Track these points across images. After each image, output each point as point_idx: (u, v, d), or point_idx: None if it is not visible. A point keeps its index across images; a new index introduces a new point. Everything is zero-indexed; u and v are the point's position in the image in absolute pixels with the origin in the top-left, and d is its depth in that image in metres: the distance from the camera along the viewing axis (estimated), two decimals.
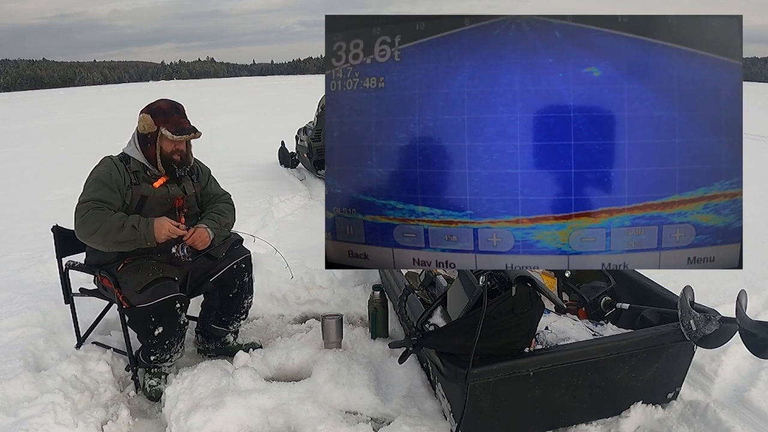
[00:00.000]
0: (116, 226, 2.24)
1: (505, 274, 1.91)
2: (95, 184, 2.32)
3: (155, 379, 2.48)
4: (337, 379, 2.35)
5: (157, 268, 2.40)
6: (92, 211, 2.24)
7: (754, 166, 6.06)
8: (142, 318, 2.34)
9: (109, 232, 2.23)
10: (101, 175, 2.34)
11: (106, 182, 2.33)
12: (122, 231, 2.24)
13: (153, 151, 2.41)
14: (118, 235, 2.24)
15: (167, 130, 2.37)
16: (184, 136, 2.40)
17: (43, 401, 2.19)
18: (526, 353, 1.91)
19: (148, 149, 2.42)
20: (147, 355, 2.43)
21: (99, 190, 2.30)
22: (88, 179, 2.37)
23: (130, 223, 2.26)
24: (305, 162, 7.31)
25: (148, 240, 2.28)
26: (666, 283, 2.42)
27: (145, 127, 2.39)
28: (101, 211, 2.25)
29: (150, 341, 2.38)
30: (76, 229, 2.28)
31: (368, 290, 2.95)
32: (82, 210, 2.25)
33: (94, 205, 2.25)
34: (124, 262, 2.41)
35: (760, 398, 2.18)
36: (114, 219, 2.25)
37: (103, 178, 2.33)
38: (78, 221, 2.26)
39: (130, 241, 2.27)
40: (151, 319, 2.32)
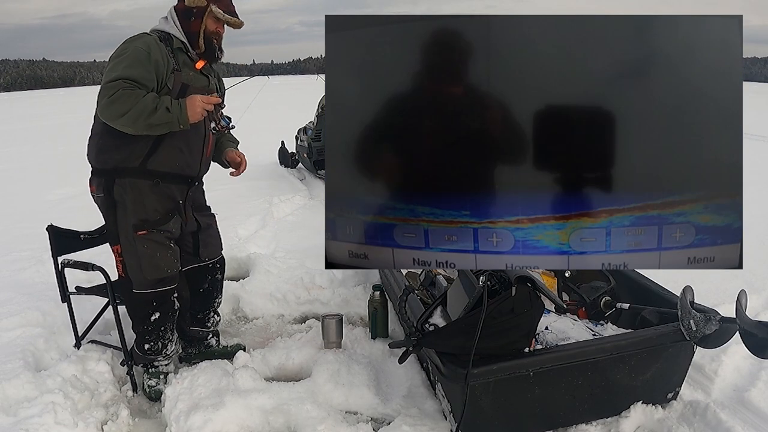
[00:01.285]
0: (149, 108, 2.02)
1: (505, 274, 1.91)
2: (128, 60, 2.07)
3: (154, 379, 2.48)
4: (337, 379, 2.35)
5: (172, 259, 2.35)
6: (122, 91, 2.00)
7: (754, 166, 6.06)
8: (142, 303, 2.32)
9: (141, 115, 2.01)
10: (138, 52, 2.09)
11: (142, 60, 2.09)
12: (155, 113, 2.03)
13: (197, 26, 2.23)
14: (152, 118, 2.03)
15: (218, 7, 2.23)
16: (233, 18, 2.28)
17: (43, 401, 2.19)
18: (526, 353, 1.91)
19: (191, 24, 2.24)
20: (141, 344, 2.41)
21: (132, 67, 2.06)
22: (119, 53, 2.10)
23: (163, 105, 2.05)
24: (305, 162, 7.31)
25: (181, 122, 2.09)
26: (666, 283, 2.42)
27: (193, 1, 2.22)
28: (132, 91, 2.02)
29: (146, 327, 2.36)
30: (101, 109, 2.04)
31: (368, 290, 2.95)
32: (110, 89, 2.00)
33: (125, 84, 2.02)
34: (139, 233, 2.26)
35: (760, 398, 2.18)
36: (147, 101, 2.02)
37: (140, 56, 2.09)
38: (105, 101, 2.01)
39: (163, 124, 2.07)
40: (153, 304, 2.32)
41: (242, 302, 3.27)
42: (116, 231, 2.29)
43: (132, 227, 2.26)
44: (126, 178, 2.22)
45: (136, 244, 2.27)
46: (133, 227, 2.26)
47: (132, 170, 2.22)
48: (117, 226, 2.28)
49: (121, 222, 2.27)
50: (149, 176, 2.24)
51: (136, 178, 2.23)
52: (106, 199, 2.26)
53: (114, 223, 2.28)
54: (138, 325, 2.39)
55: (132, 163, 2.21)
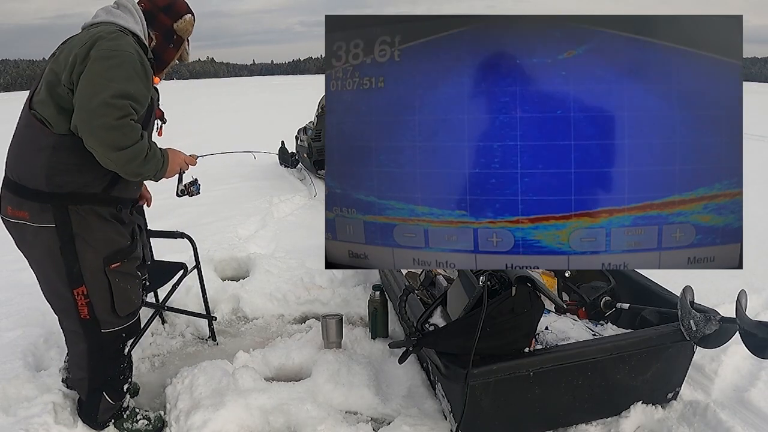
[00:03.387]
0: (143, 154, 1.71)
1: (505, 274, 1.91)
2: (126, 70, 1.68)
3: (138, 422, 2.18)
4: (337, 379, 2.35)
5: (139, 288, 2.07)
6: (130, 121, 1.66)
7: (754, 166, 6.06)
8: (113, 340, 2.00)
9: (137, 158, 1.69)
10: (133, 63, 1.71)
11: (140, 74, 1.73)
12: (148, 163, 1.74)
13: (172, 55, 2.00)
14: (142, 167, 1.73)
15: (187, 47, 2.07)
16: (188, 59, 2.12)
17: (43, 401, 2.19)
18: (526, 353, 1.91)
19: (168, 50, 1.98)
20: (117, 387, 2.09)
21: (132, 81, 1.68)
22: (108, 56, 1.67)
23: (155, 155, 1.77)
24: (305, 162, 7.31)
25: (158, 176, 1.83)
26: (666, 283, 2.42)
27: (183, 30, 1.98)
28: (136, 122, 1.69)
29: (122, 366, 2.08)
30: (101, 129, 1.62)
31: (368, 290, 2.95)
32: (118, 109, 1.62)
33: (130, 111, 1.66)
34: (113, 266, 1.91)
35: (760, 398, 2.18)
36: (143, 145, 1.71)
37: (137, 68, 1.72)
38: (106, 123, 1.61)
39: (144, 176, 1.80)
40: (123, 336, 2.03)
41: (242, 302, 3.27)
42: (78, 270, 1.85)
43: (104, 261, 1.88)
44: (85, 205, 1.82)
45: (108, 279, 1.90)
46: (105, 260, 1.88)
47: (92, 196, 1.83)
48: (79, 263, 1.84)
49: (86, 258, 1.85)
50: (111, 203, 1.89)
51: (97, 206, 1.84)
52: (61, 232, 1.80)
53: (75, 260, 1.83)
54: (112, 367, 2.04)
55: (94, 189, 1.82)
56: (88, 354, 2.00)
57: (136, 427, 2.17)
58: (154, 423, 2.21)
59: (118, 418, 2.17)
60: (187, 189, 2.14)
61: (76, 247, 1.83)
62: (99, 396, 2.06)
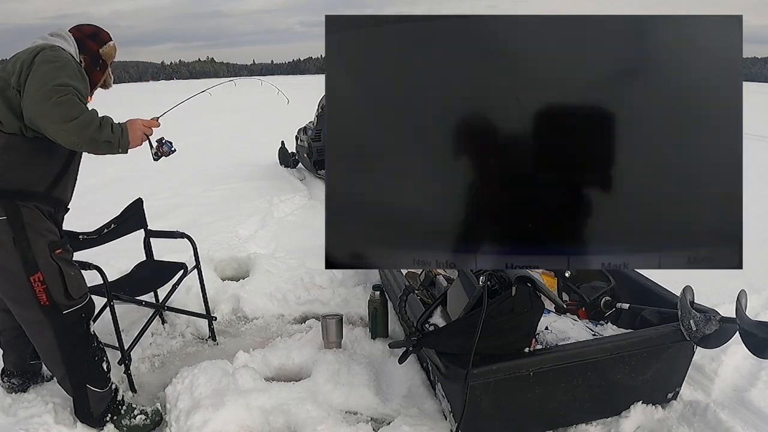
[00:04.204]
0: (97, 121, 1.83)
1: (505, 274, 1.91)
2: (69, 70, 1.86)
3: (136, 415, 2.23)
4: (337, 379, 2.35)
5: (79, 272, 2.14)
6: (72, 97, 1.80)
7: (754, 166, 6.06)
8: (76, 320, 2.07)
9: (90, 125, 1.81)
10: (74, 66, 1.92)
11: (80, 76, 1.91)
12: (103, 129, 1.84)
13: (98, 77, 2.17)
14: (100, 133, 1.83)
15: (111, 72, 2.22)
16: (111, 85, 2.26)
17: (43, 401, 2.20)
18: (526, 353, 1.91)
19: (95, 72, 2.14)
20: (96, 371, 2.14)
21: (75, 80, 1.85)
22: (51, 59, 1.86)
23: (109, 123, 1.87)
24: (305, 162, 7.31)
25: (121, 147, 1.92)
26: (666, 283, 2.42)
27: (107, 55, 2.16)
28: (80, 100, 1.83)
29: (93, 345, 2.13)
30: (47, 109, 1.77)
31: (368, 290, 2.95)
32: (59, 92, 1.78)
33: (74, 92, 1.82)
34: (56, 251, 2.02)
35: (760, 398, 2.18)
36: (95, 113, 1.85)
37: (78, 69, 1.93)
38: (53, 101, 1.76)
39: (106, 143, 1.87)
40: (83, 316, 2.09)
41: (242, 302, 3.27)
42: (33, 257, 1.96)
43: (48, 247, 1.99)
44: (30, 203, 1.97)
45: (57, 263, 2.01)
46: (50, 246, 2.00)
47: (36, 195, 1.98)
48: (32, 250, 1.96)
49: (38, 244, 1.97)
50: (51, 203, 2.03)
51: (40, 204, 1.99)
52: (12, 222, 1.93)
53: (28, 247, 1.95)
54: (84, 350, 2.11)
55: (38, 188, 1.98)
56: (57, 342, 2.05)
57: (134, 423, 2.21)
58: (152, 417, 2.24)
59: (116, 414, 2.20)
60: (160, 150, 2.19)
61: (27, 235, 1.95)
62: (84, 389, 2.12)
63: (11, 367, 2.37)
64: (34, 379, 2.42)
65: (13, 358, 2.36)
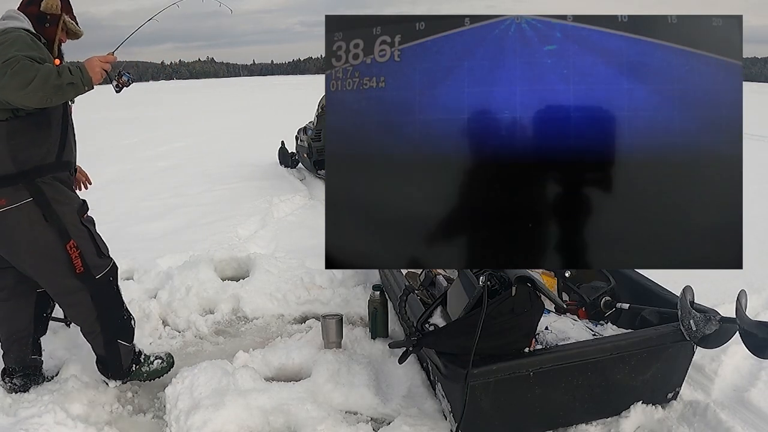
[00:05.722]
0: (53, 72, 1.90)
1: (505, 274, 1.91)
2: (19, 44, 1.95)
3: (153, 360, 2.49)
4: (337, 379, 2.35)
5: None
6: (23, 62, 1.87)
7: (754, 166, 6.06)
8: (107, 283, 2.27)
9: (49, 79, 1.87)
10: (24, 38, 2.00)
11: (32, 45, 2.00)
12: (61, 76, 1.90)
13: (53, 32, 2.20)
14: (59, 80, 1.90)
15: (71, 20, 2.25)
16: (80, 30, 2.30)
17: (43, 401, 2.20)
18: (526, 353, 1.91)
19: (45, 30, 2.17)
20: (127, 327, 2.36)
21: (25, 50, 1.93)
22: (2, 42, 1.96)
23: (65, 68, 1.94)
24: (305, 162, 7.31)
25: (85, 83, 1.98)
26: (666, 283, 2.42)
27: (50, 7, 2.18)
28: (32, 63, 1.90)
29: (124, 307, 2.35)
30: (4, 85, 1.87)
31: (368, 290, 2.95)
32: (10, 64, 1.86)
33: (23, 58, 1.89)
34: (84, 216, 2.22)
35: (760, 398, 2.18)
36: (49, 67, 1.91)
37: (27, 41, 2.00)
38: (7, 75, 1.85)
39: (70, 85, 1.94)
40: (111, 279, 2.29)
41: (242, 302, 3.27)
42: (64, 226, 2.14)
43: (77, 213, 2.19)
44: (48, 175, 2.11)
45: (86, 227, 2.21)
46: (78, 212, 2.19)
47: (51, 166, 2.13)
48: (63, 221, 2.13)
49: (66, 214, 2.15)
50: (66, 167, 2.19)
51: (56, 172, 2.14)
52: (38, 201, 2.09)
53: (59, 219, 2.13)
54: (119, 309, 2.33)
55: (50, 159, 2.12)
56: (93, 305, 2.25)
57: (153, 368, 2.47)
58: (167, 360, 2.52)
59: (138, 364, 2.44)
60: (120, 82, 2.22)
61: (55, 209, 2.12)
62: (116, 344, 2.33)
63: (13, 364, 2.38)
64: (35, 379, 2.42)
65: (14, 353, 2.38)
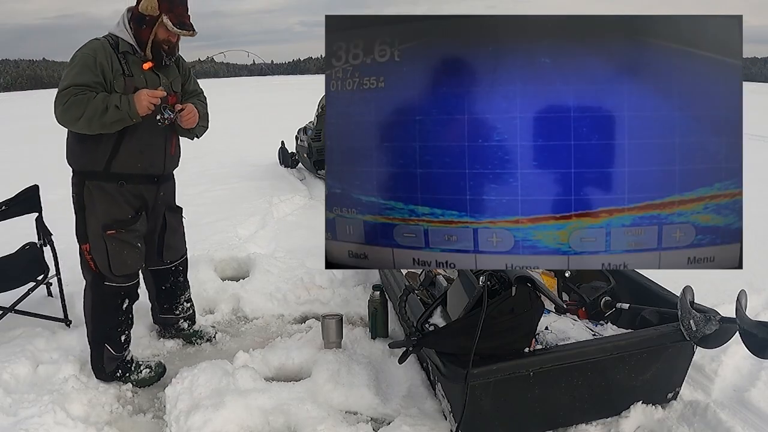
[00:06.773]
0: (100, 109, 2.15)
1: (505, 274, 1.91)
2: (77, 67, 2.21)
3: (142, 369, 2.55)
4: (337, 379, 2.35)
5: (138, 257, 2.47)
6: (74, 98, 2.15)
7: (754, 166, 6.04)
8: (112, 294, 2.43)
9: (95, 116, 2.15)
10: (86, 58, 2.23)
11: (90, 65, 2.21)
12: (107, 113, 2.15)
13: (147, 34, 2.31)
14: (104, 117, 2.15)
15: (169, 20, 2.28)
16: (183, 31, 2.32)
17: (43, 401, 2.20)
18: (526, 353, 1.91)
19: (141, 31, 2.32)
20: (117, 338, 2.46)
21: (82, 74, 2.19)
22: (70, 62, 2.25)
23: (113, 104, 2.17)
24: (305, 162, 7.30)
25: (132, 117, 2.20)
26: (666, 283, 2.42)
27: (148, 8, 2.28)
28: (83, 95, 2.16)
29: (120, 318, 2.46)
30: (58, 117, 2.20)
31: (368, 290, 2.95)
32: (63, 97, 2.16)
33: (75, 91, 2.16)
34: (108, 232, 2.36)
35: (760, 398, 2.18)
36: (97, 102, 2.16)
37: (87, 61, 2.22)
38: (60, 109, 2.16)
39: (117, 121, 2.19)
40: (121, 294, 2.45)
41: (242, 302, 3.27)
42: (85, 231, 2.38)
43: (102, 227, 2.36)
44: (94, 181, 2.34)
45: (105, 242, 2.36)
46: (103, 227, 2.36)
47: (98, 173, 2.34)
48: (86, 226, 2.38)
49: (90, 223, 2.37)
50: (114, 178, 2.35)
51: (103, 181, 2.34)
52: (77, 200, 2.38)
53: (83, 223, 2.38)
54: (111, 320, 2.45)
55: (97, 167, 2.33)
56: (92, 305, 2.44)
57: (141, 376, 2.52)
58: (155, 370, 2.56)
59: (126, 372, 2.51)
60: (163, 117, 2.33)
61: (84, 214, 2.37)
62: (101, 347, 2.44)
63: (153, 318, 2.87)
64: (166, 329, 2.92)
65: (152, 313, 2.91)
